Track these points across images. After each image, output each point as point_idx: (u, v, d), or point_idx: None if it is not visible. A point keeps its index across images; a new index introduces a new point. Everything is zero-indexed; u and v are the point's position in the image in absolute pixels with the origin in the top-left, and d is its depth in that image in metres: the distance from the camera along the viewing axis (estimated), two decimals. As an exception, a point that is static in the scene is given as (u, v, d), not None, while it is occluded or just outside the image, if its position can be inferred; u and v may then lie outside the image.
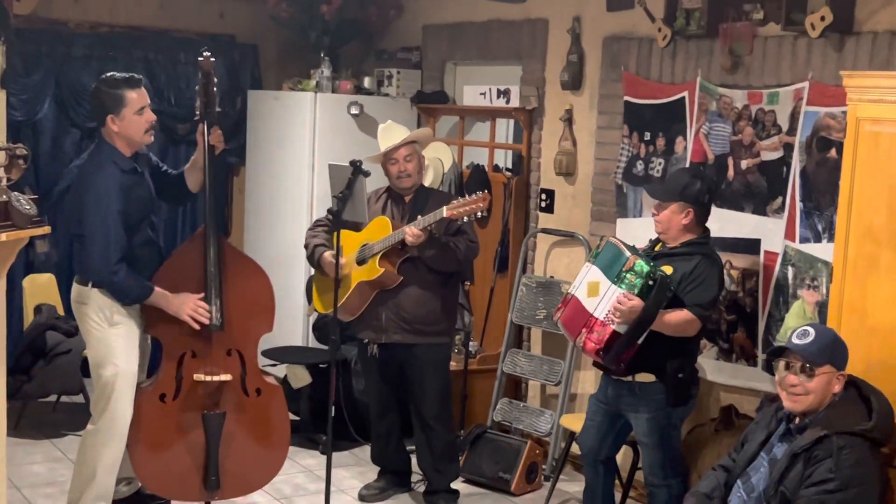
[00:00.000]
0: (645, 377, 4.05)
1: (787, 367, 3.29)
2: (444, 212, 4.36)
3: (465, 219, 4.39)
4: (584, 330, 3.97)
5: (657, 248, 4.20)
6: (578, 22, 5.29)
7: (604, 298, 3.93)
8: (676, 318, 3.95)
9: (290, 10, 6.37)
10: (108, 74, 4.23)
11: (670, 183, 4.24)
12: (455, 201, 4.38)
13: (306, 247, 4.77)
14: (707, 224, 4.16)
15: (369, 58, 6.77)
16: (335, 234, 4.27)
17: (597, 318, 3.93)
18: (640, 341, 3.92)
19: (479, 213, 4.37)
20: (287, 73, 6.63)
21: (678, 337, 4.00)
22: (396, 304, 4.61)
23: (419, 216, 4.49)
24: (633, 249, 3.98)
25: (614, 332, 3.89)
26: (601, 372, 4.24)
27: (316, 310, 4.98)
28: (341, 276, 4.54)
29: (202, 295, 4.16)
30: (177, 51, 6.48)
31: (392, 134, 4.77)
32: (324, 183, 5.61)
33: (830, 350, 3.26)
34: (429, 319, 4.63)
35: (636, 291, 3.84)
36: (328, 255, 4.63)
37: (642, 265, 3.86)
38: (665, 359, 4.00)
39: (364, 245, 4.63)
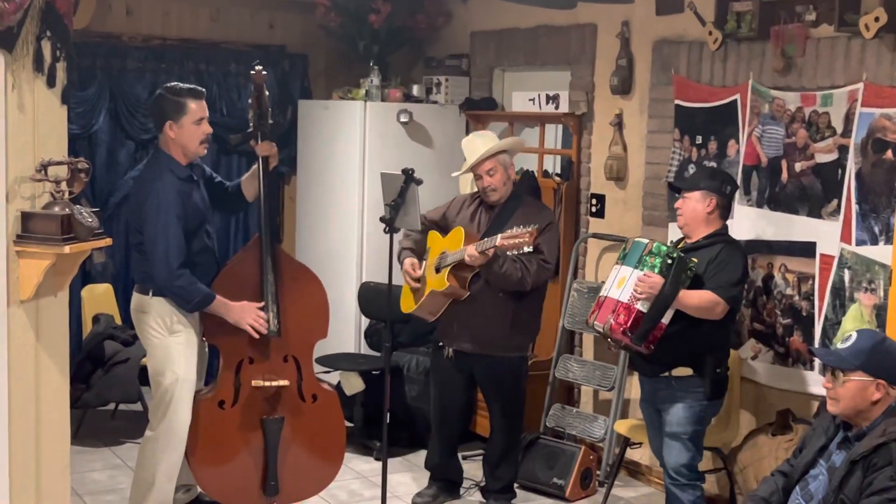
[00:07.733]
0: (682, 371, 4.13)
1: (824, 369, 3.29)
2: (498, 240, 4.27)
3: (516, 251, 4.26)
4: (610, 315, 4.07)
5: (680, 246, 4.25)
6: (627, 26, 5.28)
7: (628, 284, 4.05)
8: (699, 298, 4.02)
9: (338, 20, 6.41)
10: (173, 83, 4.28)
11: (692, 176, 4.48)
12: (510, 231, 4.25)
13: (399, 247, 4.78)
14: (738, 226, 4.29)
15: (418, 65, 6.79)
16: (426, 235, 4.38)
17: (622, 302, 4.04)
18: (665, 321, 4.00)
19: (525, 248, 4.21)
20: (336, 82, 6.68)
21: (714, 330, 4.07)
22: (467, 316, 4.62)
23: (506, 229, 4.37)
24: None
25: (639, 312, 3.99)
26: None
27: (402, 310, 4.91)
28: (420, 279, 4.68)
29: (262, 304, 4.21)
30: (228, 62, 6.55)
31: (474, 146, 4.67)
32: (374, 190, 5.66)
33: (865, 356, 3.15)
34: (497, 334, 4.62)
35: (656, 271, 3.98)
36: (408, 262, 4.70)
37: (660, 246, 4.03)
38: (704, 353, 4.09)
39: (443, 253, 4.64)
